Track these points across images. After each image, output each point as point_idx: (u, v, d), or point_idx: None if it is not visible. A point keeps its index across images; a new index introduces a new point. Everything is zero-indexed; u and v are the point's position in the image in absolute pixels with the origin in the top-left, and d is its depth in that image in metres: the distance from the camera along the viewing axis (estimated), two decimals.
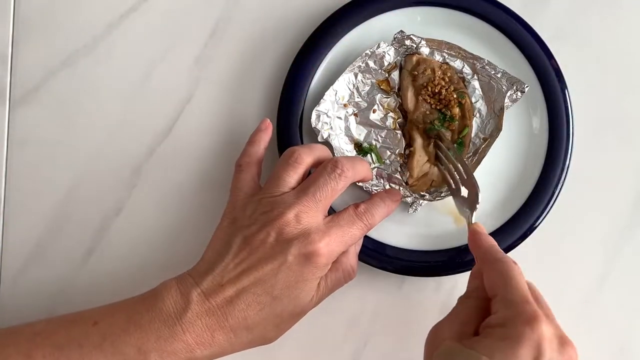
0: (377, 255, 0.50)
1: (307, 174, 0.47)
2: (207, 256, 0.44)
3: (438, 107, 0.50)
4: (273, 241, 0.43)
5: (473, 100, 0.50)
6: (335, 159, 0.46)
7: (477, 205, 0.46)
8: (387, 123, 0.51)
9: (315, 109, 0.49)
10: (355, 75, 0.50)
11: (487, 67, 0.49)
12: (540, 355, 0.37)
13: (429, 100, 0.50)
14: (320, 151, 0.47)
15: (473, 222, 0.46)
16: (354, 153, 0.51)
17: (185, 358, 0.41)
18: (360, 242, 0.49)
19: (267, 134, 0.49)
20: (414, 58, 0.50)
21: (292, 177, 0.45)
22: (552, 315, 0.41)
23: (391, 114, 0.51)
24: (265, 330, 0.43)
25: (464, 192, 0.48)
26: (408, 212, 0.50)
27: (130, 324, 0.41)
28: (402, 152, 0.51)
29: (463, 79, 0.50)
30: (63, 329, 0.42)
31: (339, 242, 0.44)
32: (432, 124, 0.50)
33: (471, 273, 0.44)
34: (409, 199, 0.50)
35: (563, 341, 0.38)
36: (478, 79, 0.50)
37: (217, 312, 0.42)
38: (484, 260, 0.43)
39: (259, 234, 0.43)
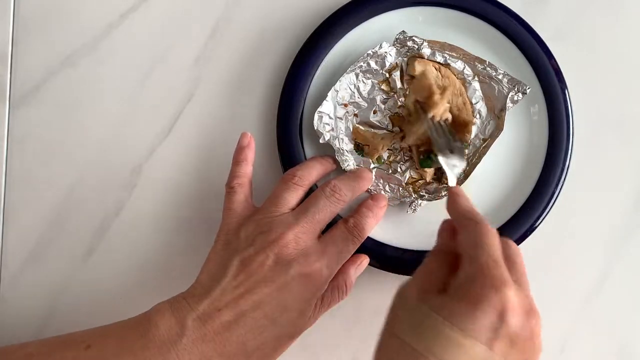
0: (377, 255, 0.50)
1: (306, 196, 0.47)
2: (202, 279, 0.43)
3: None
4: (272, 263, 0.42)
5: (473, 101, 0.50)
6: (334, 182, 0.46)
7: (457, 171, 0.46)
8: (387, 124, 0.51)
9: (317, 110, 0.49)
10: (357, 76, 0.50)
11: (488, 68, 0.49)
12: (502, 324, 0.34)
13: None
14: (319, 170, 0.48)
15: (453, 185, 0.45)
16: (354, 154, 0.51)
17: None
18: (363, 266, 0.49)
19: (251, 150, 0.48)
20: (415, 62, 0.50)
21: (293, 198, 0.46)
22: (525, 283, 0.38)
23: (391, 114, 0.51)
24: (263, 355, 0.42)
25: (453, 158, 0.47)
26: (407, 212, 0.50)
27: (123, 349, 0.40)
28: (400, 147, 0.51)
29: (463, 80, 0.50)
30: (56, 351, 0.42)
31: (336, 260, 0.45)
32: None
33: (440, 229, 0.42)
34: (408, 199, 0.50)
35: (529, 312, 0.35)
36: (479, 80, 0.50)
37: (215, 339, 0.40)
38: (459, 220, 0.40)
39: (257, 256, 0.42)
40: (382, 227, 0.50)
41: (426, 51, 0.50)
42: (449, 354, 0.34)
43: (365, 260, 0.49)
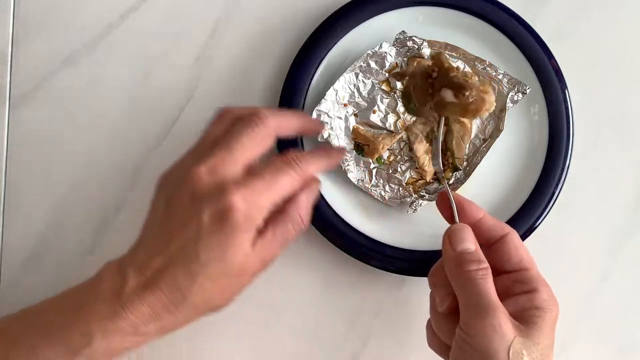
0: (377, 255, 0.50)
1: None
2: (143, 229, 0.43)
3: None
4: (188, 201, 0.40)
5: None
6: (258, 109, 0.42)
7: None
8: (387, 124, 0.51)
9: (316, 108, 0.49)
10: (356, 75, 0.50)
11: (488, 68, 0.49)
12: None
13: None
14: (256, 109, 0.43)
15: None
16: (354, 153, 0.51)
17: (130, 334, 0.40)
18: (314, 192, 0.44)
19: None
20: (415, 62, 0.50)
21: (219, 129, 0.42)
22: None
23: (391, 114, 0.51)
24: (206, 297, 0.40)
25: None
26: (407, 212, 0.50)
27: (74, 309, 0.40)
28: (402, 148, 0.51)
29: None
30: (17, 323, 0.42)
31: (262, 194, 0.40)
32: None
33: (466, 239, 0.43)
34: (408, 199, 0.50)
35: None
36: (479, 80, 0.50)
37: (152, 285, 0.39)
38: (493, 233, 0.43)
39: (178, 194, 0.40)
40: (383, 227, 0.50)
41: (426, 51, 0.50)
42: None
43: (315, 184, 0.44)
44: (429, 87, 0.49)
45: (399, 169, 0.51)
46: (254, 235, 0.40)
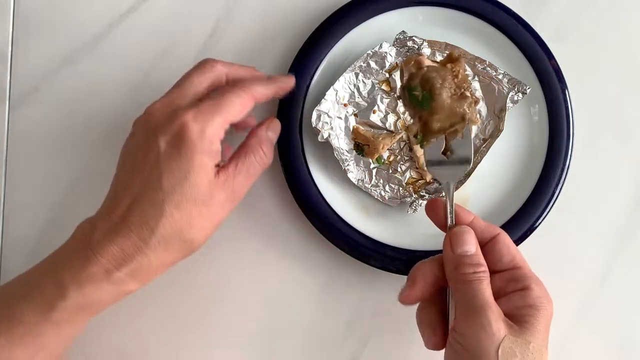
0: (377, 255, 0.50)
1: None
2: (111, 184, 0.44)
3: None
4: (144, 136, 0.41)
5: None
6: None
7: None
8: (387, 124, 0.51)
9: (316, 108, 0.49)
10: (356, 75, 0.50)
11: (488, 68, 0.49)
12: None
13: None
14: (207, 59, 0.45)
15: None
16: (353, 153, 0.51)
17: (103, 280, 0.40)
18: (275, 129, 0.46)
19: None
20: (413, 60, 0.50)
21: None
22: None
23: (391, 114, 0.51)
24: (175, 229, 0.40)
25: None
26: (407, 212, 0.50)
27: (50, 266, 0.42)
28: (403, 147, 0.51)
29: None
30: (3, 288, 0.43)
31: (214, 113, 0.41)
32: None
33: (468, 242, 0.43)
34: (408, 199, 0.50)
35: None
36: (479, 80, 0.50)
37: (120, 225, 0.40)
38: (485, 235, 0.43)
39: (134, 136, 0.42)
40: (383, 227, 0.50)
41: (426, 51, 0.50)
42: None
43: (274, 121, 0.47)
44: (456, 87, 0.49)
45: (399, 169, 0.51)
46: (215, 163, 0.42)
